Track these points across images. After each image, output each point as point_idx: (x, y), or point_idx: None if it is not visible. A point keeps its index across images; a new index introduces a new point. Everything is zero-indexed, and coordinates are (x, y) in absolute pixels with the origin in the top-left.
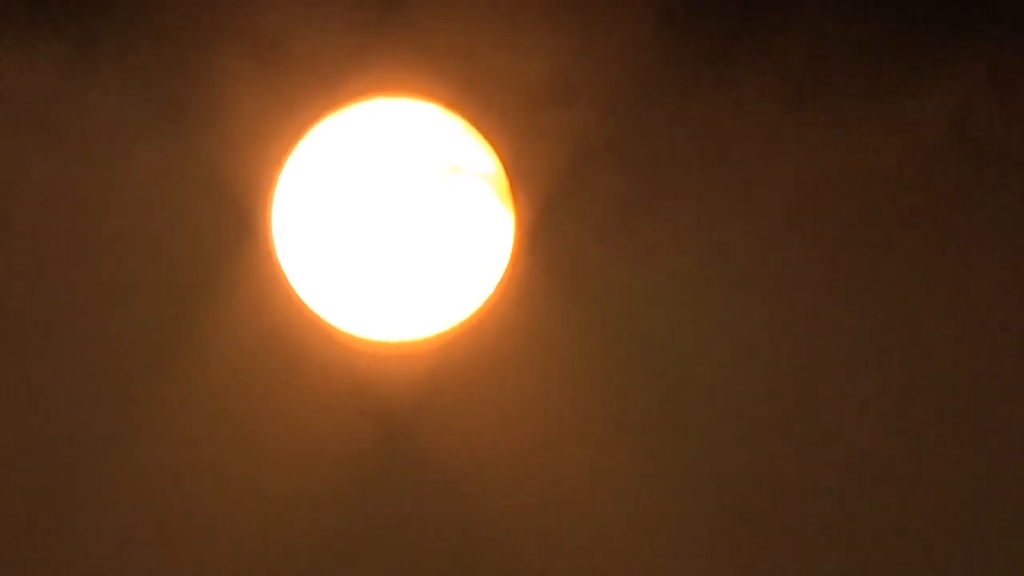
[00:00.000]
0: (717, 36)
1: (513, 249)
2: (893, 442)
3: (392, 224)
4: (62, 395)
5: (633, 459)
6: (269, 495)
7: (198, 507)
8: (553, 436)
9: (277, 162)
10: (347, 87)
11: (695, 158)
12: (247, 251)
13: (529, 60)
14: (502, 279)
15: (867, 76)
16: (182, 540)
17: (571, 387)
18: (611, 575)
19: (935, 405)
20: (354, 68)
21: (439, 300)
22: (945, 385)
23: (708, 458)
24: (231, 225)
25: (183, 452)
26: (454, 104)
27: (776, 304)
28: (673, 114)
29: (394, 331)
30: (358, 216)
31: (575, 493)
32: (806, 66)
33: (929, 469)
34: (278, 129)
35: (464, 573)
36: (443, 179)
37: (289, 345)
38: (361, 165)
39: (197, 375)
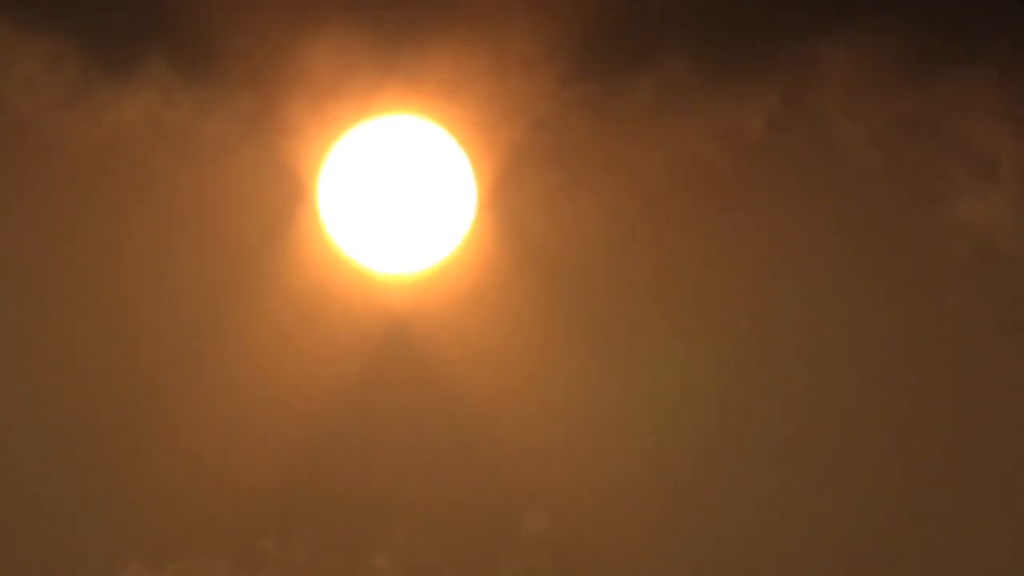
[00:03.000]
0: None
1: (476, 214)
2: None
3: (397, 196)
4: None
5: (570, 357)
6: (318, 380)
7: (259, 392)
8: (507, 338)
9: (323, 154)
10: (370, 105)
11: (601, 153)
12: (301, 212)
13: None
14: (467, 234)
15: (706, 86)
16: (248, 419)
17: (521, 305)
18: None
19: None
20: (378, 91)
21: (427, 246)
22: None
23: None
24: (290, 194)
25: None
26: (440, 119)
27: (657, 245)
28: (589, 126)
29: (397, 266)
30: (375, 190)
31: (531, 380)
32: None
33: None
34: (324, 133)
35: (447, 438)
36: (433, 168)
37: (327, 275)
38: (378, 156)
39: (266, 300)
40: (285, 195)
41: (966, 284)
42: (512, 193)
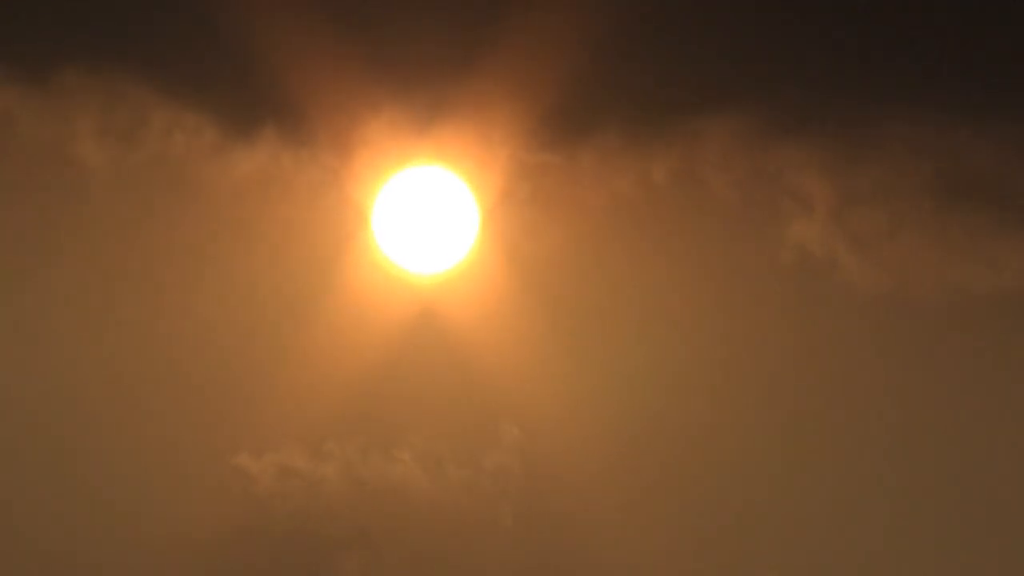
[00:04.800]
0: (568, 141)
1: (478, 233)
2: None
3: (425, 220)
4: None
5: (544, 327)
6: (370, 341)
7: (330, 349)
8: (501, 317)
9: (376, 192)
10: (409, 157)
11: (563, 193)
12: (362, 232)
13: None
14: (472, 247)
15: (628, 149)
16: (323, 367)
17: (512, 295)
18: (533, 381)
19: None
20: (414, 148)
21: (445, 255)
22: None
23: (587, 331)
24: (354, 219)
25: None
26: (455, 168)
27: (605, 255)
28: (554, 175)
29: (425, 268)
30: (411, 216)
31: (515, 342)
32: (609, 147)
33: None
34: (378, 177)
35: (452, 378)
36: (448, 200)
37: (379, 272)
38: (414, 193)
39: (340, 286)
40: (351, 220)
41: (794, 280)
42: (503, 219)
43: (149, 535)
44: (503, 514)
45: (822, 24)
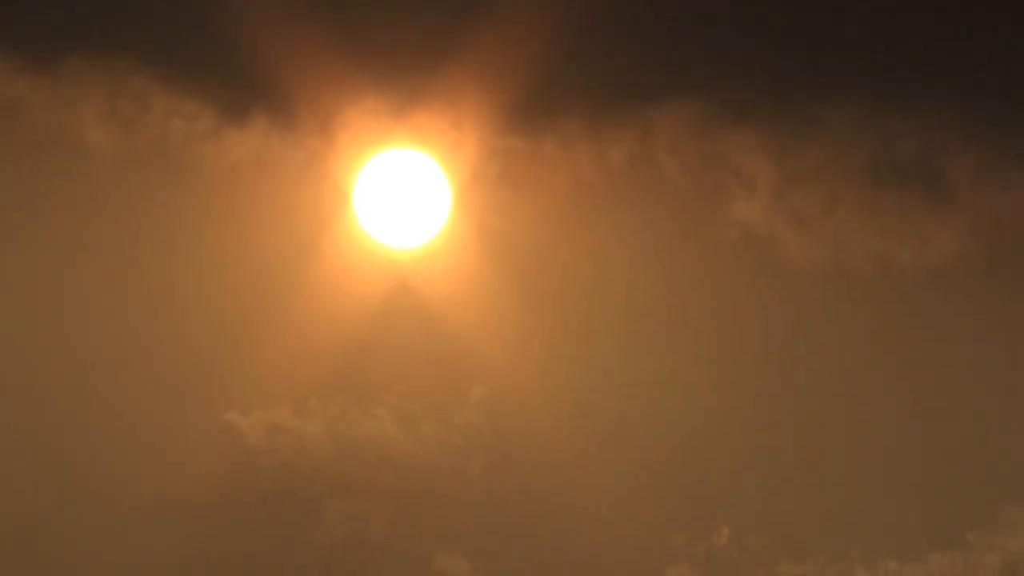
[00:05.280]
0: (534, 127)
1: (451, 210)
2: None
3: (402, 198)
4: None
5: (511, 291)
6: (344, 318)
7: (313, 314)
8: (472, 285)
9: (357, 172)
10: (388, 139)
11: (530, 173)
12: (344, 209)
13: (469, 140)
14: (446, 222)
15: (587, 135)
16: (308, 331)
17: (483, 265)
18: (500, 342)
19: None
20: (392, 131)
21: (421, 230)
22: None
23: (549, 296)
24: (337, 198)
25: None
26: (429, 150)
27: (568, 228)
28: (522, 158)
29: (403, 243)
30: (390, 195)
31: (485, 308)
32: (570, 134)
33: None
34: (359, 159)
35: (424, 339)
36: (423, 180)
37: (359, 246)
38: (392, 173)
39: (324, 256)
40: (334, 198)
41: (738, 253)
42: (473, 198)
43: (146, 486)
44: (472, 465)
45: (764, 20)
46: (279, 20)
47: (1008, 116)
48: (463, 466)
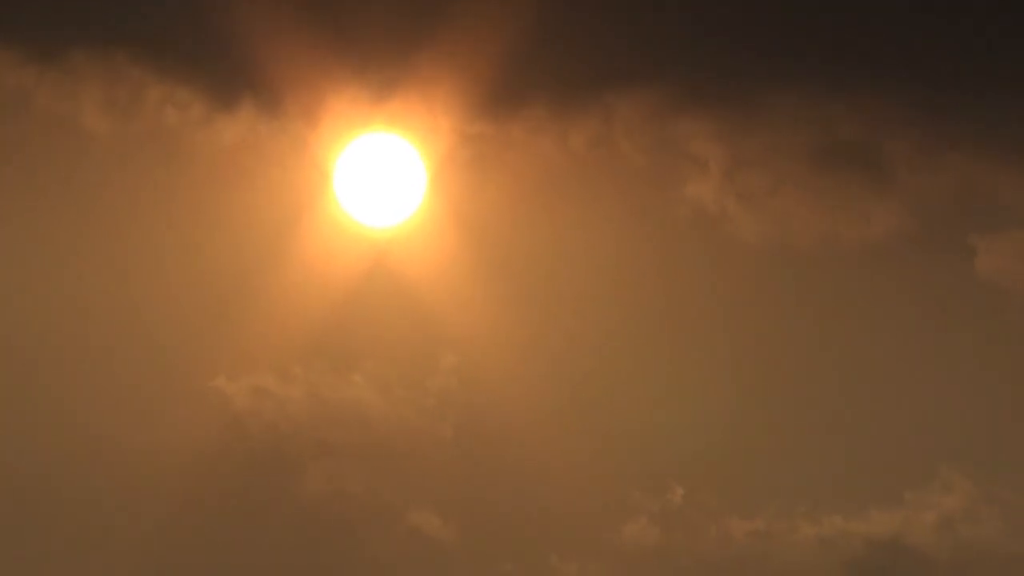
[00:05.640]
0: (502, 113)
1: (426, 191)
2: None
3: (380, 179)
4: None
5: (480, 267)
6: (325, 291)
7: (297, 285)
8: (445, 260)
9: (338, 155)
10: (366, 124)
11: (499, 156)
12: (324, 188)
13: (443, 125)
14: (421, 203)
15: (550, 121)
16: (292, 300)
17: (456, 242)
18: (469, 312)
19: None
20: (371, 116)
21: (398, 209)
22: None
23: (517, 270)
24: (319, 177)
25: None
26: (406, 134)
27: (534, 206)
28: (491, 141)
29: (380, 222)
30: (368, 176)
31: (456, 281)
32: (535, 120)
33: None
34: (340, 143)
35: (400, 309)
36: (400, 163)
37: (337, 223)
38: (370, 155)
39: (306, 231)
40: (316, 179)
41: (691, 230)
42: (447, 180)
43: (138, 448)
44: (444, 427)
45: (716, 12)
46: (266, 14)
47: (943, 102)
48: (435, 428)
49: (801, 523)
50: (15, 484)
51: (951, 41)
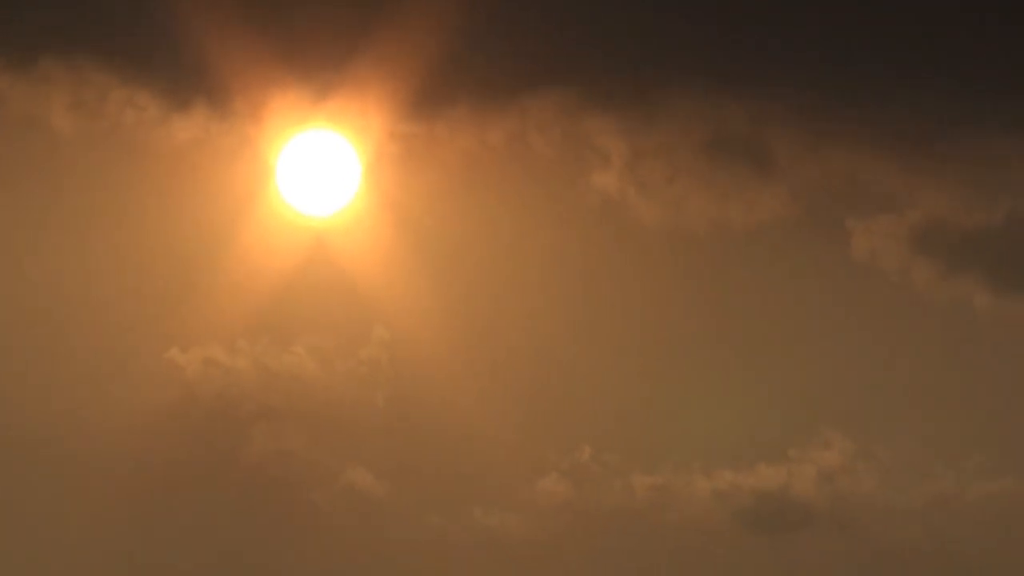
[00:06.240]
0: (429, 113)
1: (360, 182)
2: None
3: (318, 171)
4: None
5: (408, 247)
6: (269, 272)
7: (242, 266)
8: (377, 245)
9: (280, 149)
10: (307, 121)
11: (427, 152)
12: (267, 180)
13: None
14: (355, 194)
15: (471, 120)
16: (236, 281)
17: (388, 228)
18: (400, 289)
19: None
20: (311, 114)
21: (334, 200)
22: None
23: (464, 264)
24: (263, 171)
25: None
26: (342, 130)
27: (457, 195)
28: (420, 138)
29: (319, 211)
30: (307, 168)
31: (387, 261)
32: (458, 119)
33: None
34: (282, 138)
35: (335, 288)
36: (337, 156)
37: (279, 212)
38: (309, 150)
39: (248, 219)
40: (261, 172)
41: (596, 216)
42: (379, 173)
43: (101, 412)
44: (375, 394)
45: (617, 18)
46: (218, 26)
47: (822, 100)
48: (367, 395)
49: (697, 478)
50: None
51: (830, 45)
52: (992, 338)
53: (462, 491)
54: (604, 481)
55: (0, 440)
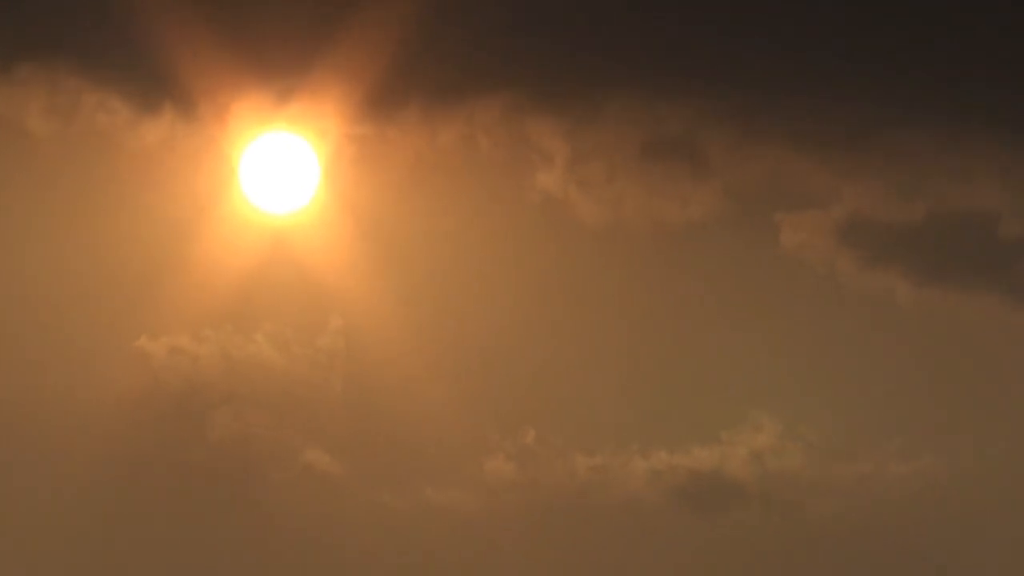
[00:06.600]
0: (383, 115)
1: (319, 182)
2: None
3: (278, 171)
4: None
5: (379, 255)
6: (232, 265)
7: (206, 260)
8: (335, 238)
9: (242, 151)
10: (268, 123)
11: (380, 153)
12: (231, 179)
13: (333, 125)
14: (314, 192)
15: (422, 121)
16: (201, 272)
17: (345, 223)
18: (355, 277)
19: None
20: (272, 117)
21: (294, 198)
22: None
23: (417, 258)
24: (226, 170)
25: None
26: (301, 132)
27: (406, 192)
28: (373, 139)
29: (279, 208)
30: (268, 168)
31: (354, 266)
32: (410, 121)
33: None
34: (244, 140)
35: (294, 278)
36: (296, 157)
37: (241, 209)
38: (271, 150)
39: (212, 216)
40: (225, 171)
41: (539, 214)
42: (337, 173)
43: (71, 397)
44: (333, 379)
45: (560, 27)
46: (185, 34)
47: (753, 102)
48: (325, 379)
49: (634, 458)
50: None
51: (759, 50)
52: (912, 327)
53: (414, 470)
54: (547, 461)
55: None
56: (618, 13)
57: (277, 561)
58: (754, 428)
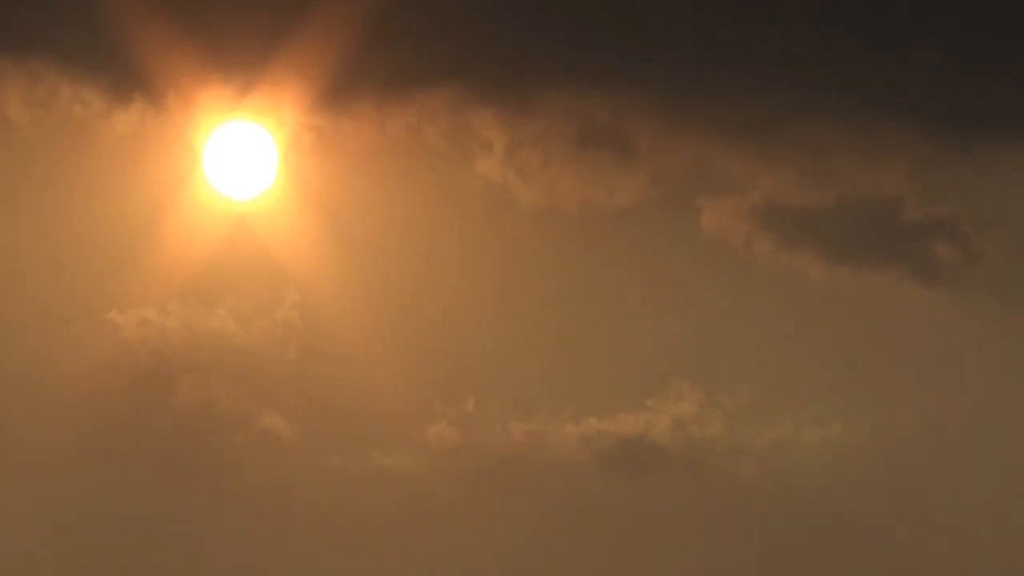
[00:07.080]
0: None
1: (277, 169)
2: None
3: (241, 159)
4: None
5: (333, 235)
6: (196, 246)
7: (171, 244)
8: (293, 223)
9: (206, 139)
10: (231, 112)
11: (337, 142)
12: (195, 166)
13: (292, 116)
14: (273, 179)
15: (387, 109)
16: (166, 255)
17: (303, 208)
18: (311, 256)
19: None
20: (234, 108)
21: (255, 184)
22: None
23: (367, 238)
24: (191, 158)
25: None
26: (261, 121)
27: (366, 180)
28: (331, 128)
29: (243, 195)
30: (231, 156)
31: (309, 246)
32: (370, 110)
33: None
34: (208, 128)
35: (256, 260)
36: (256, 145)
37: (204, 195)
38: (234, 139)
39: (179, 201)
40: (190, 159)
41: (480, 198)
42: (294, 160)
43: (45, 366)
44: (288, 349)
45: (499, 24)
46: (153, 31)
47: (677, 94)
48: (281, 350)
49: (566, 424)
50: None
51: (682, 46)
52: (824, 303)
53: (362, 435)
54: (486, 427)
55: None
56: (553, 13)
57: (236, 516)
58: (677, 397)
